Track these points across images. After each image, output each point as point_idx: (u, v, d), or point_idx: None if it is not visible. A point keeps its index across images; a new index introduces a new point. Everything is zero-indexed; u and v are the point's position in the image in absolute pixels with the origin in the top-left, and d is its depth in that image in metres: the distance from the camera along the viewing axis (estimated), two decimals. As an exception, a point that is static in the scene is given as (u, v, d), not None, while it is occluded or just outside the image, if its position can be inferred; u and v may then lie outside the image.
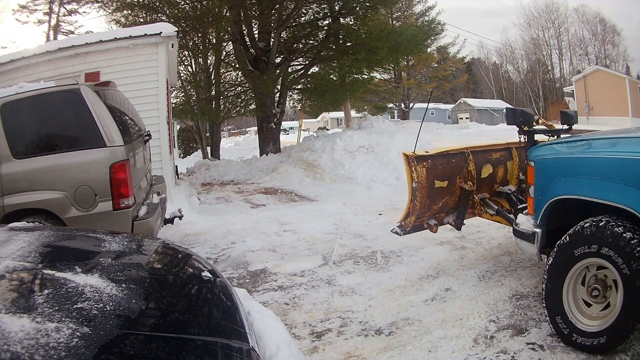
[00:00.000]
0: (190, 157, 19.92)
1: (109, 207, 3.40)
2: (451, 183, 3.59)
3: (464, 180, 3.65)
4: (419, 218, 3.59)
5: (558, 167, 2.65)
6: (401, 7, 27.04)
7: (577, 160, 2.56)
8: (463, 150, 3.75)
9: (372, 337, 2.65)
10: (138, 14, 11.84)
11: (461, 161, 3.66)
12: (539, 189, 2.73)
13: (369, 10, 11.55)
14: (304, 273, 3.78)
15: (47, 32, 23.28)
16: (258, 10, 11.26)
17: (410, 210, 3.54)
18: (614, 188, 2.28)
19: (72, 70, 6.44)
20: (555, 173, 2.64)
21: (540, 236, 2.71)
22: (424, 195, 3.48)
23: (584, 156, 2.53)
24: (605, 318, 2.28)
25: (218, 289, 1.46)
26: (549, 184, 2.64)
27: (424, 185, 3.45)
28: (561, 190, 2.55)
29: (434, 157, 3.56)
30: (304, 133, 19.68)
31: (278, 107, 12.03)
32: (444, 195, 3.61)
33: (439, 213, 3.69)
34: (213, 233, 5.37)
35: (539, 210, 2.70)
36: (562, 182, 2.57)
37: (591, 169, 2.44)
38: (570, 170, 2.56)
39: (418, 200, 3.46)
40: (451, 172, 3.60)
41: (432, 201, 3.57)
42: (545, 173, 2.71)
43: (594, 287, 2.37)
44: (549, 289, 2.50)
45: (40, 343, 0.88)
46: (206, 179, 10.45)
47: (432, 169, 3.50)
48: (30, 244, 1.47)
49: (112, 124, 3.47)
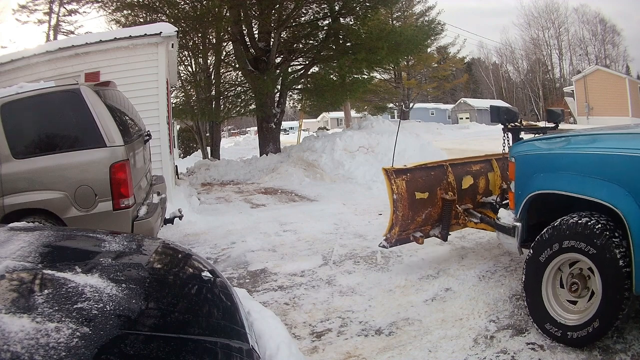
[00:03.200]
0: (190, 157, 19.92)
1: (109, 207, 3.40)
2: (432, 194, 3.71)
3: (444, 191, 3.75)
4: (405, 230, 3.67)
5: (537, 162, 2.72)
6: (401, 7, 27.05)
7: (555, 156, 2.64)
8: (442, 163, 3.90)
9: (372, 337, 2.65)
10: (138, 14, 11.85)
11: (440, 173, 3.80)
12: (519, 184, 2.80)
13: (369, 10, 11.55)
14: (304, 273, 3.78)
15: (47, 32, 23.30)
16: (258, 10, 11.26)
17: (393, 221, 3.64)
18: (590, 182, 2.36)
19: (72, 70, 6.44)
20: (534, 168, 2.71)
21: (520, 230, 2.78)
22: (406, 206, 3.60)
23: (561, 152, 2.62)
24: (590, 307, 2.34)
25: (218, 289, 1.46)
26: (528, 179, 2.71)
27: (405, 197, 3.58)
28: (540, 185, 2.63)
29: (412, 171, 3.71)
30: (304, 133, 19.67)
31: (278, 107, 12.03)
32: (426, 206, 3.72)
33: (424, 225, 3.78)
34: (213, 233, 5.37)
35: (519, 205, 2.77)
36: (540, 177, 2.64)
37: (568, 165, 2.51)
38: (548, 166, 2.64)
39: (400, 211, 3.59)
40: (431, 184, 3.72)
41: (414, 212, 3.68)
42: (525, 169, 2.78)
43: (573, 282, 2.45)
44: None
45: (40, 343, 0.88)
46: (206, 179, 10.45)
47: (412, 182, 3.63)
48: (30, 244, 1.47)
49: (112, 124, 3.47)
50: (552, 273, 2.54)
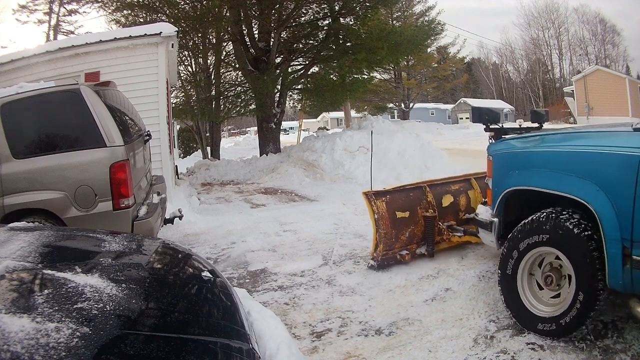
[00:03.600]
0: (190, 157, 19.91)
1: (109, 207, 3.40)
2: (413, 213, 3.94)
3: (425, 210, 3.98)
4: (390, 249, 3.83)
5: (513, 160, 2.84)
6: (401, 7, 27.07)
7: (529, 153, 2.75)
8: (420, 184, 4.17)
9: (372, 337, 2.65)
10: (138, 14, 11.85)
11: (419, 194, 4.06)
12: (496, 181, 2.93)
13: (369, 10, 11.55)
14: (304, 273, 3.78)
15: (47, 32, 23.32)
16: (258, 10, 11.27)
17: (377, 239, 3.81)
18: (562, 179, 2.45)
19: (72, 70, 6.44)
20: (510, 166, 2.83)
21: (497, 225, 2.89)
22: (388, 225, 3.81)
23: (535, 150, 2.74)
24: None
25: (218, 289, 1.46)
26: (504, 176, 2.84)
27: (386, 216, 3.80)
28: (515, 182, 2.73)
29: (391, 192, 3.97)
30: (304, 133, 19.67)
31: (278, 107, 12.03)
32: (408, 224, 3.92)
33: (410, 244, 3.95)
34: (213, 233, 5.37)
35: (496, 201, 2.88)
36: (515, 174, 2.75)
37: (542, 162, 2.61)
38: (523, 163, 2.75)
39: (382, 229, 3.79)
40: (411, 204, 3.97)
41: (397, 231, 3.87)
42: (502, 166, 2.91)
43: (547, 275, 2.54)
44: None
45: (40, 343, 0.88)
46: (206, 179, 10.45)
47: (391, 202, 3.87)
48: (30, 244, 1.47)
49: (112, 124, 3.47)
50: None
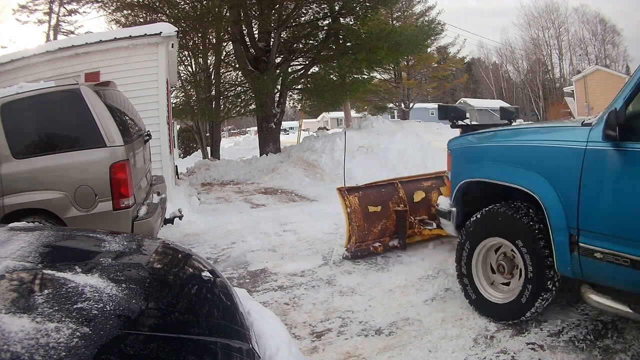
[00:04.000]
0: (190, 157, 19.90)
1: (109, 207, 3.40)
2: (384, 207, 4.16)
3: (396, 205, 4.19)
4: (363, 241, 4.05)
5: (468, 154, 3.07)
6: (401, 7, 27.05)
7: (482, 148, 2.97)
8: (392, 181, 4.40)
9: (372, 337, 2.65)
10: (138, 14, 11.85)
11: (392, 190, 4.29)
12: (454, 174, 3.13)
13: (369, 10, 11.56)
14: (304, 273, 3.78)
15: (47, 32, 23.32)
16: (258, 10, 11.27)
17: (350, 232, 4.04)
18: (511, 171, 2.64)
19: (72, 70, 6.44)
20: (466, 160, 3.06)
21: (455, 214, 3.08)
22: (360, 218, 4.05)
23: (488, 144, 2.94)
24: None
25: (218, 289, 1.46)
26: (461, 169, 3.05)
27: (358, 210, 4.05)
28: (469, 174, 2.93)
29: (364, 189, 4.24)
30: (304, 133, 19.67)
31: (278, 107, 12.03)
32: (380, 218, 4.14)
33: (382, 237, 4.15)
34: (213, 233, 5.37)
35: (453, 192, 3.08)
36: (470, 167, 2.96)
37: (493, 155, 2.83)
38: (477, 157, 2.97)
39: (355, 222, 4.02)
40: (383, 199, 4.19)
41: (370, 224, 4.09)
42: (458, 160, 3.12)
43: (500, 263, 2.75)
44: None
45: (40, 343, 0.88)
46: (206, 179, 10.45)
47: (364, 197, 4.12)
48: (30, 244, 1.47)
49: (112, 124, 3.47)
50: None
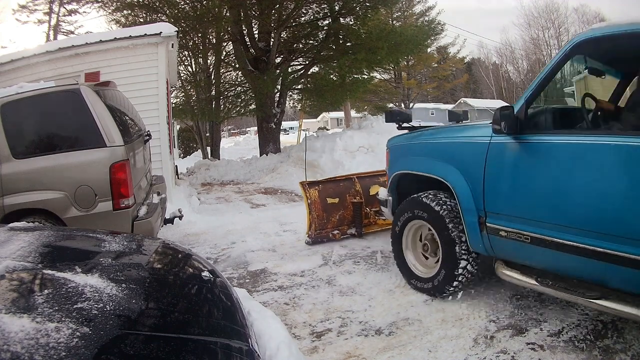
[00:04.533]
0: (190, 157, 19.91)
1: (109, 207, 3.40)
2: (342, 199, 4.74)
3: (353, 197, 4.74)
4: (323, 229, 4.63)
5: (400, 151, 3.59)
6: (401, 7, 27.02)
7: (410, 145, 3.48)
8: (350, 176, 5.00)
9: (372, 337, 2.65)
10: (138, 14, 11.85)
11: (349, 184, 4.85)
12: (390, 167, 3.67)
13: (369, 10, 11.55)
14: (304, 273, 3.78)
15: (47, 32, 23.31)
16: (258, 10, 11.26)
17: (310, 221, 4.60)
18: (430, 164, 3.16)
19: (72, 70, 6.45)
20: (397, 155, 3.59)
21: (391, 202, 3.61)
22: (319, 208, 4.62)
23: (414, 142, 3.44)
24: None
25: (218, 289, 1.46)
26: (394, 163, 3.59)
27: (317, 202, 4.63)
28: (400, 167, 3.49)
29: (323, 183, 4.84)
30: (304, 133, 19.66)
31: (278, 107, 12.03)
32: (338, 209, 4.71)
33: (341, 225, 4.72)
34: (213, 233, 5.37)
35: (389, 183, 3.64)
36: (400, 162, 3.51)
37: (417, 151, 3.34)
38: (405, 153, 3.50)
39: (314, 212, 4.59)
40: (341, 192, 4.76)
41: (328, 214, 4.66)
42: (393, 155, 3.66)
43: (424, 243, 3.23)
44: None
45: (40, 343, 0.88)
46: (206, 179, 10.45)
47: (323, 190, 4.69)
48: (30, 244, 1.47)
49: (112, 124, 3.47)
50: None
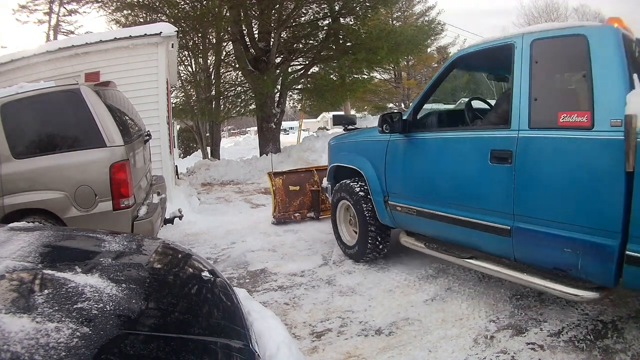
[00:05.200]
0: (190, 157, 19.89)
1: (109, 207, 3.40)
2: (302, 187, 5.72)
3: (312, 185, 5.70)
4: (286, 212, 5.61)
5: (335, 148, 4.46)
6: (401, 7, 26.98)
7: (341, 144, 4.36)
8: (310, 168, 6.02)
9: (372, 337, 2.65)
10: (138, 14, 11.85)
11: (309, 175, 5.84)
12: (329, 161, 4.58)
13: (369, 10, 11.55)
14: (304, 273, 3.78)
15: (47, 32, 23.28)
16: (258, 10, 11.26)
17: (275, 205, 5.60)
18: (350, 157, 4.09)
19: (72, 70, 6.45)
20: (334, 151, 4.47)
21: (330, 188, 4.46)
22: (282, 194, 5.63)
23: (343, 141, 4.34)
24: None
25: (218, 289, 1.46)
26: (331, 158, 4.51)
27: (281, 188, 5.64)
28: (334, 161, 4.40)
29: (287, 173, 5.89)
30: (304, 133, 19.66)
31: (278, 107, 12.03)
32: (298, 195, 5.70)
33: (301, 210, 5.69)
34: (213, 233, 5.37)
35: (327, 173, 4.57)
36: (335, 157, 4.41)
37: (345, 148, 4.26)
38: (339, 150, 4.37)
39: (278, 197, 5.60)
40: (301, 181, 5.76)
41: (290, 199, 5.65)
42: (331, 152, 4.55)
43: (350, 218, 4.20)
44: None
45: (40, 343, 0.88)
46: (206, 179, 10.44)
47: (286, 179, 5.71)
48: (30, 244, 1.47)
49: (112, 124, 3.47)
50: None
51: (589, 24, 2.60)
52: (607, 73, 2.30)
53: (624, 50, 2.31)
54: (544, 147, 2.47)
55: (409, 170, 3.38)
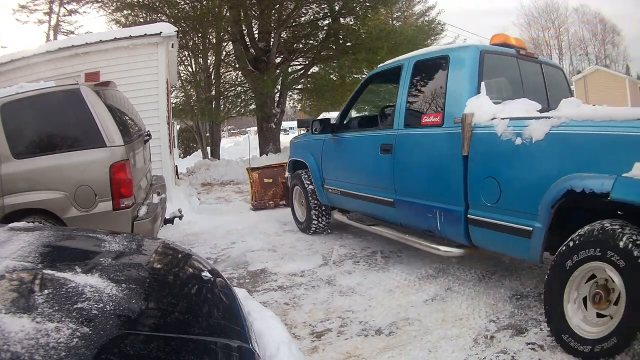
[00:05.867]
0: (190, 157, 19.89)
1: (109, 207, 3.40)
2: (275, 180, 6.81)
3: (283, 178, 6.52)
4: (262, 200, 6.78)
5: (293, 146, 5.46)
6: (401, 7, 26.95)
7: (297, 142, 5.42)
8: (282, 164, 6.89)
9: (372, 337, 2.65)
10: (138, 14, 11.84)
11: (281, 169, 6.81)
12: (289, 156, 5.52)
13: (369, 10, 11.55)
14: (304, 273, 3.78)
15: (47, 32, 23.29)
16: (258, 10, 11.26)
17: (252, 194, 6.83)
18: (300, 153, 5.16)
19: (72, 70, 6.45)
20: (292, 148, 5.47)
21: (290, 178, 5.47)
22: (258, 185, 6.81)
23: (298, 141, 5.42)
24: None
25: (218, 289, 1.46)
26: (291, 153, 5.45)
27: (257, 181, 6.81)
28: (292, 156, 5.40)
29: (262, 168, 7.08)
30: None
31: (278, 107, 12.03)
32: (272, 187, 6.84)
33: (274, 199, 6.80)
34: (213, 233, 5.37)
35: (287, 165, 5.68)
36: (292, 152, 5.41)
37: (298, 146, 5.30)
38: (294, 147, 5.40)
39: (255, 189, 6.80)
40: (274, 175, 6.86)
41: (265, 190, 6.82)
42: (291, 149, 5.51)
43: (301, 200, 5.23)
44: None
45: (40, 343, 0.88)
46: (206, 179, 10.45)
47: (262, 174, 6.88)
48: (30, 244, 1.47)
49: (112, 124, 3.47)
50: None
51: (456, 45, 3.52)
52: (457, 84, 3.04)
53: (477, 66, 2.99)
54: (411, 141, 3.40)
55: (335, 161, 4.47)
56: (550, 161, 2.44)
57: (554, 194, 2.37)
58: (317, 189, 4.74)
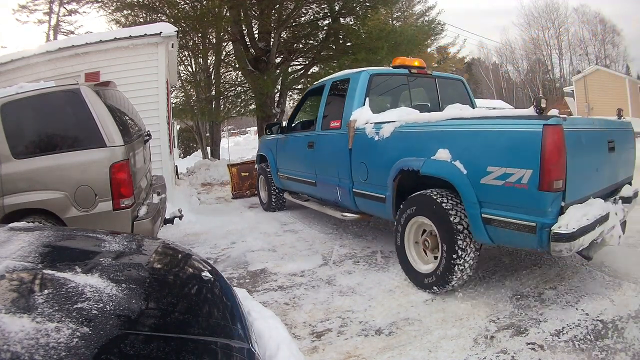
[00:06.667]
0: (190, 157, 19.90)
1: (109, 207, 3.40)
2: (250, 173, 8.17)
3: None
4: (240, 190, 8.21)
5: (260, 143, 6.83)
6: (401, 7, 26.95)
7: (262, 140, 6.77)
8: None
9: (372, 337, 2.65)
10: (138, 14, 11.83)
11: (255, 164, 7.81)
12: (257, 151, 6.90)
13: (369, 10, 11.55)
14: (304, 273, 3.78)
15: (47, 32, 23.30)
16: (258, 10, 11.25)
17: (232, 186, 8.27)
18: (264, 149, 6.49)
19: (72, 70, 6.46)
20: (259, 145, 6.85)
21: (258, 169, 6.78)
22: (237, 178, 8.21)
23: (264, 139, 6.68)
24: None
25: (218, 289, 1.46)
26: (259, 148, 6.82)
27: (236, 175, 8.21)
28: (258, 151, 6.80)
29: (240, 164, 8.44)
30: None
31: (278, 107, 12.03)
32: (248, 179, 8.22)
33: (251, 189, 8.16)
34: (213, 233, 5.37)
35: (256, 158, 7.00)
36: (259, 148, 6.76)
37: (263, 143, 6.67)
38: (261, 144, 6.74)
39: (234, 181, 8.23)
40: (250, 169, 8.18)
41: (242, 182, 8.22)
42: (259, 145, 6.89)
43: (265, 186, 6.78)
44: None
45: (40, 343, 0.88)
46: (206, 179, 10.45)
47: (240, 168, 8.26)
48: (30, 244, 1.47)
49: (112, 124, 3.47)
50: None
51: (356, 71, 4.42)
52: (351, 99, 4.20)
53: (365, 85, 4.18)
54: (324, 139, 4.63)
55: (284, 154, 5.82)
56: (393, 150, 3.53)
57: (394, 172, 3.48)
58: (273, 176, 6.15)
